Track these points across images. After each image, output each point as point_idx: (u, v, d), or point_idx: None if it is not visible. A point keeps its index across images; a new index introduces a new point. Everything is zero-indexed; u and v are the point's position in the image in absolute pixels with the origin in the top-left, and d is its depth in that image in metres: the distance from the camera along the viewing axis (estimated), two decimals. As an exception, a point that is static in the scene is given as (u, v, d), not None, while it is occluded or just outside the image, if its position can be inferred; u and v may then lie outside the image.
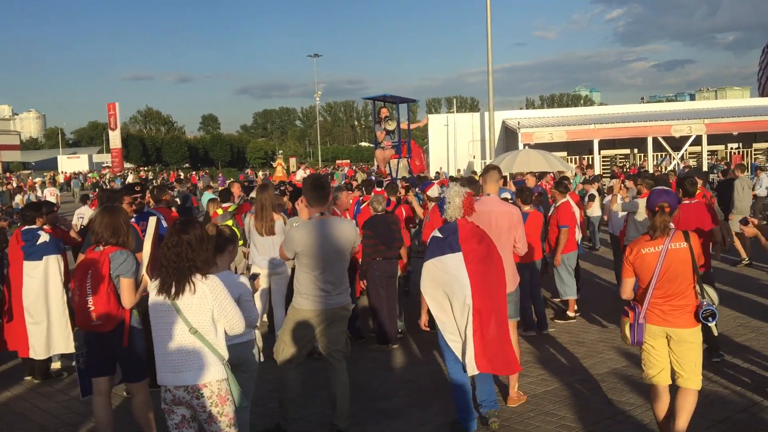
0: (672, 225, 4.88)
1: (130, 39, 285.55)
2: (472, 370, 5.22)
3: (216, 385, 3.86)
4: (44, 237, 6.91)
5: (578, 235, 9.77)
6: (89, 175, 59.21)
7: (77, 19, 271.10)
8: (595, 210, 15.10)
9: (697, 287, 4.87)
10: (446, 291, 5.29)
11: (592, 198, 14.86)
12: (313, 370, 7.26)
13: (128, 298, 4.87)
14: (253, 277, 5.15)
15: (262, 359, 4.94)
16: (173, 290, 3.81)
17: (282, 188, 11.38)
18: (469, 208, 5.45)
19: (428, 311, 5.46)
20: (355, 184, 20.90)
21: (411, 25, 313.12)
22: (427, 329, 5.58)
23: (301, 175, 28.70)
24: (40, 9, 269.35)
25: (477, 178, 14.67)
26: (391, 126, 13.90)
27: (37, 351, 6.90)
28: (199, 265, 3.89)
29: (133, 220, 7.14)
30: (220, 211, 10.03)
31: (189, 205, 17.25)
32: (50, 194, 28.94)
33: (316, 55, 74.93)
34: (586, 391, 6.42)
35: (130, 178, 48.54)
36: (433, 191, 9.64)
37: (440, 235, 5.41)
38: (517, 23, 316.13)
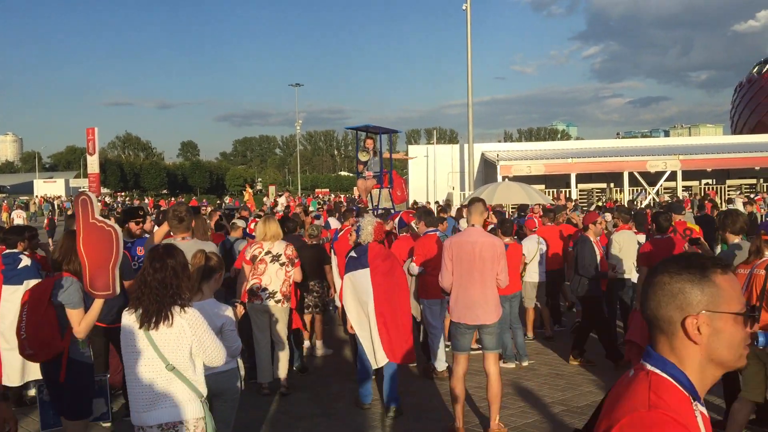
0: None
1: (111, 64, 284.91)
2: (381, 360, 6.50)
3: (193, 423, 3.67)
4: (26, 261, 6.82)
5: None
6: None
7: (57, 43, 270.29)
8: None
9: None
10: (357, 298, 6.66)
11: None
12: (295, 401, 7.22)
13: (76, 328, 4.62)
14: (233, 305, 5.10)
15: (243, 387, 4.88)
16: (153, 320, 3.61)
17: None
18: (378, 234, 6.88)
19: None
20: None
21: (392, 57, 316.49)
22: (353, 332, 6.81)
23: (282, 203, 28.51)
24: (19, 32, 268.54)
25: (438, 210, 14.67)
26: (364, 157, 14.05)
27: (10, 378, 6.74)
28: (182, 294, 3.70)
29: (128, 246, 7.03)
30: None
31: None
32: (17, 217, 28.82)
33: (298, 84, 74.89)
34: (567, 423, 6.43)
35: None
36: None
37: (355, 255, 6.81)
38: (496, 58, 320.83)
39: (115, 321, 5.51)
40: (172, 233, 6.07)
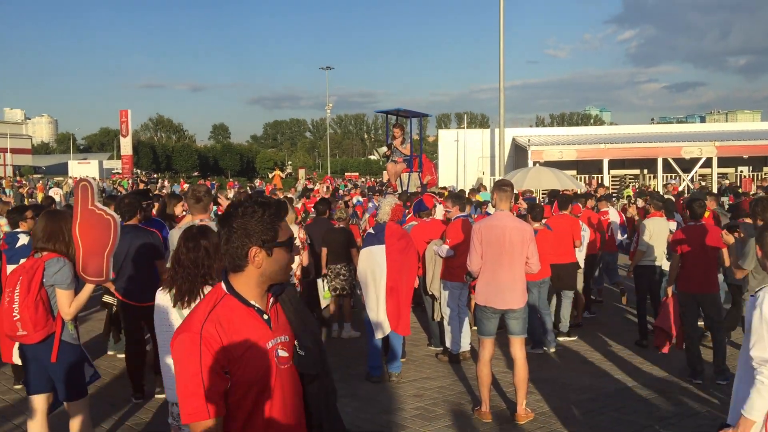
0: None
1: (144, 47, 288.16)
2: (386, 330, 7.10)
3: None
4: (23, 240, 6.80)
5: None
6: (122, 183, 55.70)
7: (92, 26, 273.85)
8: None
9: None
10: (371, 271, 7.13)
11: None
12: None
13: (65, 310, 4.55)
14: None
15: None
16: (186, 299, 3.67)
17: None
18: (395, 214, 7.44)
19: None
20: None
21: (423, 40, 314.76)
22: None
23: (323, 191, 27.92)
24: (54, 15, 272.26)
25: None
26: (383, 151, 14.12)
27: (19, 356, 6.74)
28: (213, 275, 3.73)
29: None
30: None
31: None
32: (55, 194, 29.90)
33: (329, 67, 74.61)
34: (594, 409, 6.41)
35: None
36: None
37: (373, 232, 7.33)
38: (529, 41, 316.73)
39: (147, 300, 5.56)
40: (190, 214, 5.94)
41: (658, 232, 8.75)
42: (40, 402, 4.70)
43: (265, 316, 2.38)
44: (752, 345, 3.28)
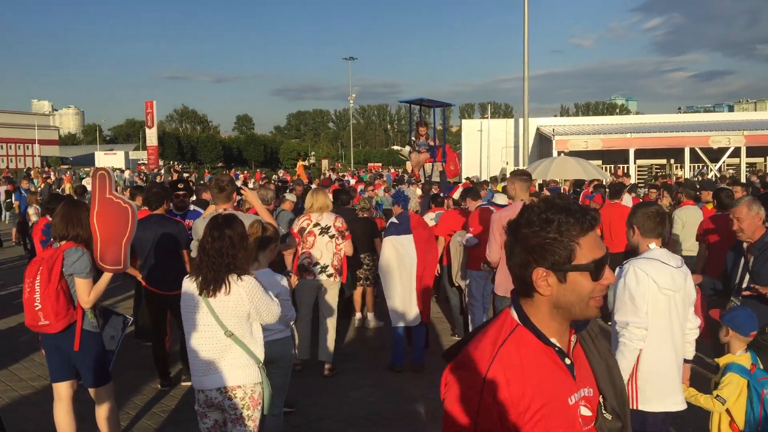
0: None
1: (169, 39, 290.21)
2: (410, 319, 7.12)
3: (251, 387, 3.78)
4: None
5: None
6: (156, 173, 55.46)
7: (118, 19, 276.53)
8: None
9: None
10: (398, 260, 7.14)
11: None
12: (346, 371, 7.31)
13: (84, 299, 4.58)
14: (288, 275, 5.16)
15: (299, 355, 4.91)
16: (211, 287, 3.70)
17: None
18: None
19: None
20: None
21: (447, 30, 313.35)
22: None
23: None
24: (81, 8, 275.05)
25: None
26: (405, 152, 14.16)
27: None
28: (237, 264, 3.76)
29: (178, 216, 7.27)
30: None
31: None
32: (87, 183, 30.50)
33: (352, 58, 74.77)
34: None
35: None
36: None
37: (397, 222, 7.36)
38: (553, 30, 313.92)
39: (172, 288, 5.61)
40: (213, 204, 5.92)
41: (692, 221, 8.57)
42: (64, 389, 4.78)
43: (567, 361, 1.80)
44: (616, 311, 3.76)
